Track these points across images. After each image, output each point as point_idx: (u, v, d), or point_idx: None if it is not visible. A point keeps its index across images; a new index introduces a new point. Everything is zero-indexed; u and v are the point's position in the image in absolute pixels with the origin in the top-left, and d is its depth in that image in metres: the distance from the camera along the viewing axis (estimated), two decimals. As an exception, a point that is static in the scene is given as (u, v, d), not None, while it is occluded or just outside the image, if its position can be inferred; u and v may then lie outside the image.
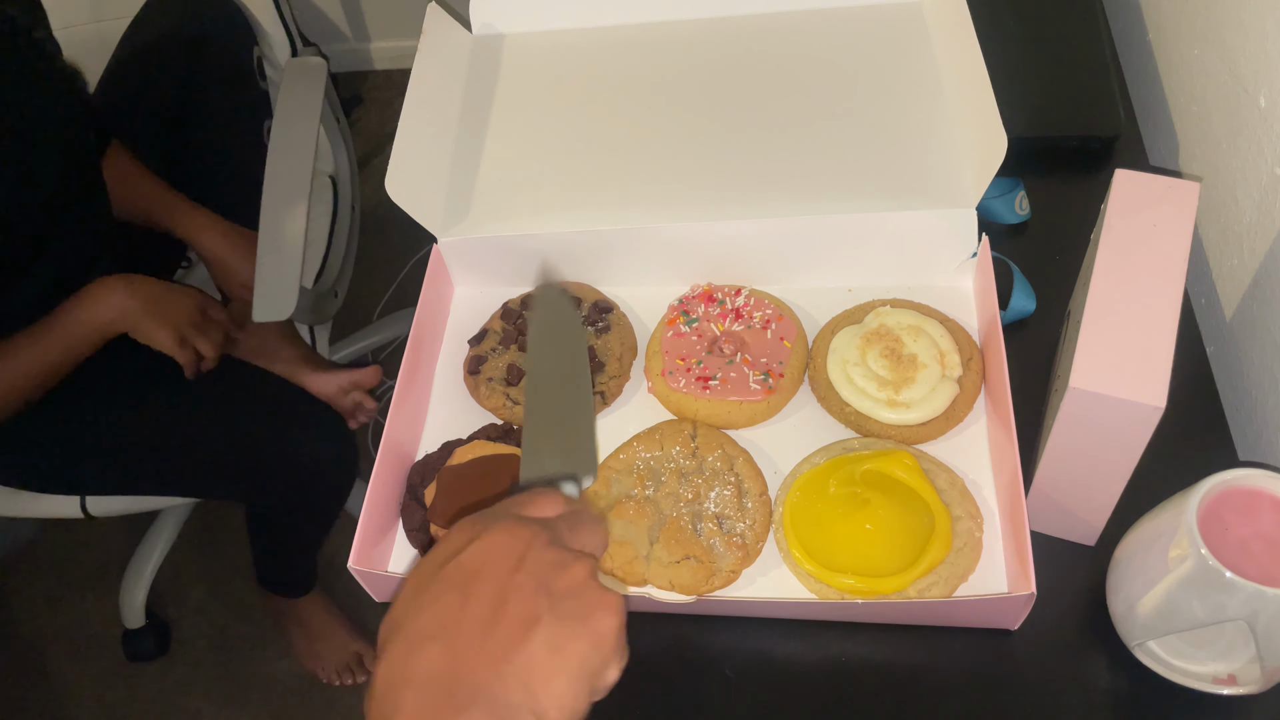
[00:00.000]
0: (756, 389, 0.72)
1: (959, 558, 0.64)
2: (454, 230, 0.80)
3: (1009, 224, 0.82)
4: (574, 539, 0.43)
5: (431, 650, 0.37)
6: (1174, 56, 0.88)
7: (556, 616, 0.38)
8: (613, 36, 0.90)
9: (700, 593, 0.65)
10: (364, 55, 2.29)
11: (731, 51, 0.87)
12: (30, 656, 1.58)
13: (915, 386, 0.70)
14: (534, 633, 0.38)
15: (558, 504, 0.44)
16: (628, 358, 0.77)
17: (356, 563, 0.64)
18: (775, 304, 0.77)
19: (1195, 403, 0.71)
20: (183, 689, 1.52)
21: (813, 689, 0.63)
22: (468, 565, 0.40)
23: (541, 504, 0.44)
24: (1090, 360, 0.55)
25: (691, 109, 0.84)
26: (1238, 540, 0.53)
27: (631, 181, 0.80)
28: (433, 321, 0.80)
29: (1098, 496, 0.62)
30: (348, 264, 1.41)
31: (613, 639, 0.39)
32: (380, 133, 2.16)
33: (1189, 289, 0.80)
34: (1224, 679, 0.58)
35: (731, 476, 0.69)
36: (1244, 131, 0.74)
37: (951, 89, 0.80)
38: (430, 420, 0.78)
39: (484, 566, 0.39)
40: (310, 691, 1.49)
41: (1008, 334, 0.74)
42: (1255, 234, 0.72)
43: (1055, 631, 0.63)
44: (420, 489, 0.71)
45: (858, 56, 0.84)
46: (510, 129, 0.86)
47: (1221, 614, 0.51)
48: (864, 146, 0.79)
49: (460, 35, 0.91)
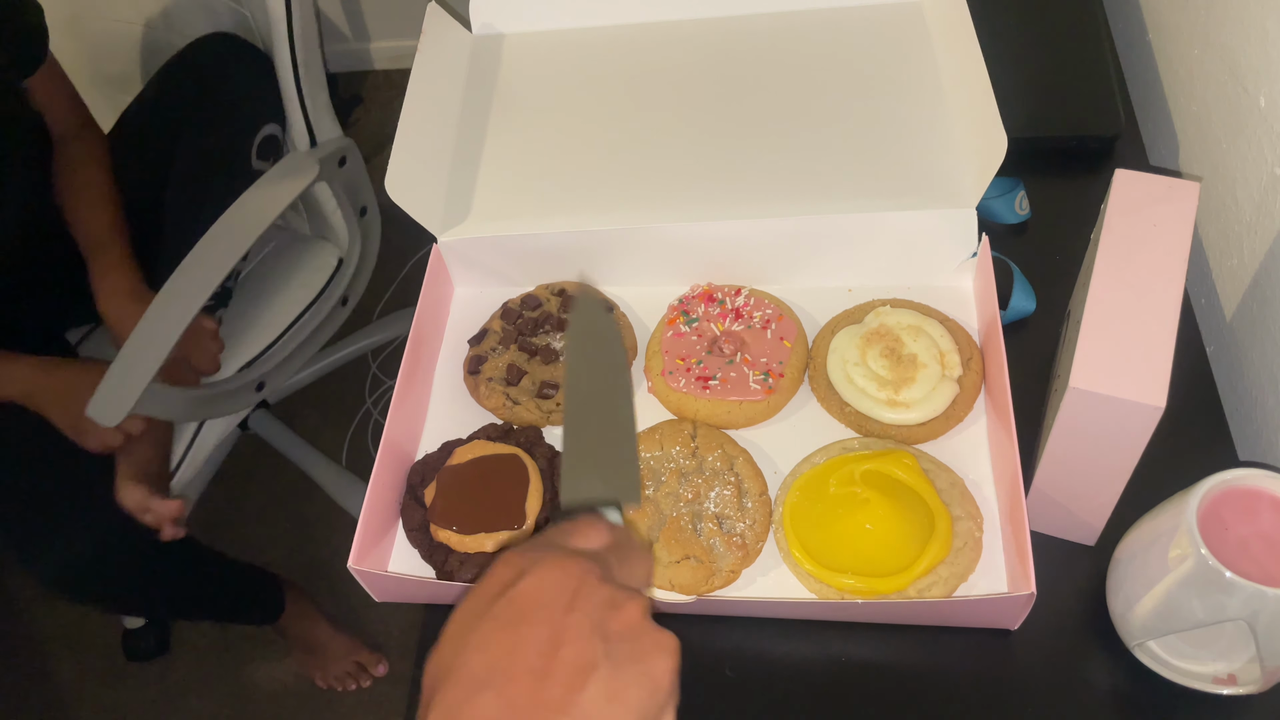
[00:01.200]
0: (756, 389, 0.72)
1: (959, 558, 0.64)
2: (454, 230, 0.80)
3: (1009, 224, 0.82)
4: (623, 572, 0.41)
5: (485, 699, 0.36)
6: (1174, 56, 0.88)
7: (613, 662, 0.37)
8: (613, 36, 0.90)
9: (700, 593, 0.65)
10: (364, 55, 2.29)
11: (731, 51, 0.87)
12: (30, 656, 1.58)
13: (915, 386, 0.70)
14: (590, 681, 0.36)
15: (604, 534, 0.43)
16: (628, 357, 0.77)
17: (356, 563, 0.64)
18: (775, 304, 0.77)
19: (1195, 403, 0.71)
20: (183, 689, 1.52)
21: (813, 689, 0.63)
22: (518, 604, 0.38)
23: (588, 534, 0.42)
24: (1090, 360, 0.55)
25: (691, 109, 0.84)
26: (1237, 540, 0.53)
27: (631, 181, 0.80)
28: (433, 321, 0.80)
29: (1098, 496, 0.62)
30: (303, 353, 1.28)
31: (669, 682, 0.38)
32: (380, 133, 2.16)
33: (1189, 289, 0.80)
34: (1224, 679, 0.58)
35: (731, 476, 0.69)
36: (1244, 131, 0.74)
37: (951, 89, 0.80)
38: (430, 420, 0.78)
39: (535, 606, 0.38)
40: (310, 692, 1.49)
41: (1008, 334, 0.74)
42: (1255, 234, 0.72)
43: (1055, 631, 0.63)
44: (420, 489, 0.71)
45: (858, 56, 0.84)
46: (510, 129, 0.86)
47: (1221, 614, 0.51)
48: (864, 146, 0.79)
49: (460, 35, 0.91)
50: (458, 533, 0.67)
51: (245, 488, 1.70)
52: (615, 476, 0.49)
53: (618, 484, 0.49)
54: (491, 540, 0.67)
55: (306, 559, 1.60)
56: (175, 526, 1.12)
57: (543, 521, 0.68)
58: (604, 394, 0.53)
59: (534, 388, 0.75)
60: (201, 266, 1.00)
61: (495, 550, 0.67)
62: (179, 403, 1.09)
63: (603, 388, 0.53)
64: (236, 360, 1.26)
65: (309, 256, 1.37)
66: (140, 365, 0.97)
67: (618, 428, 0.52)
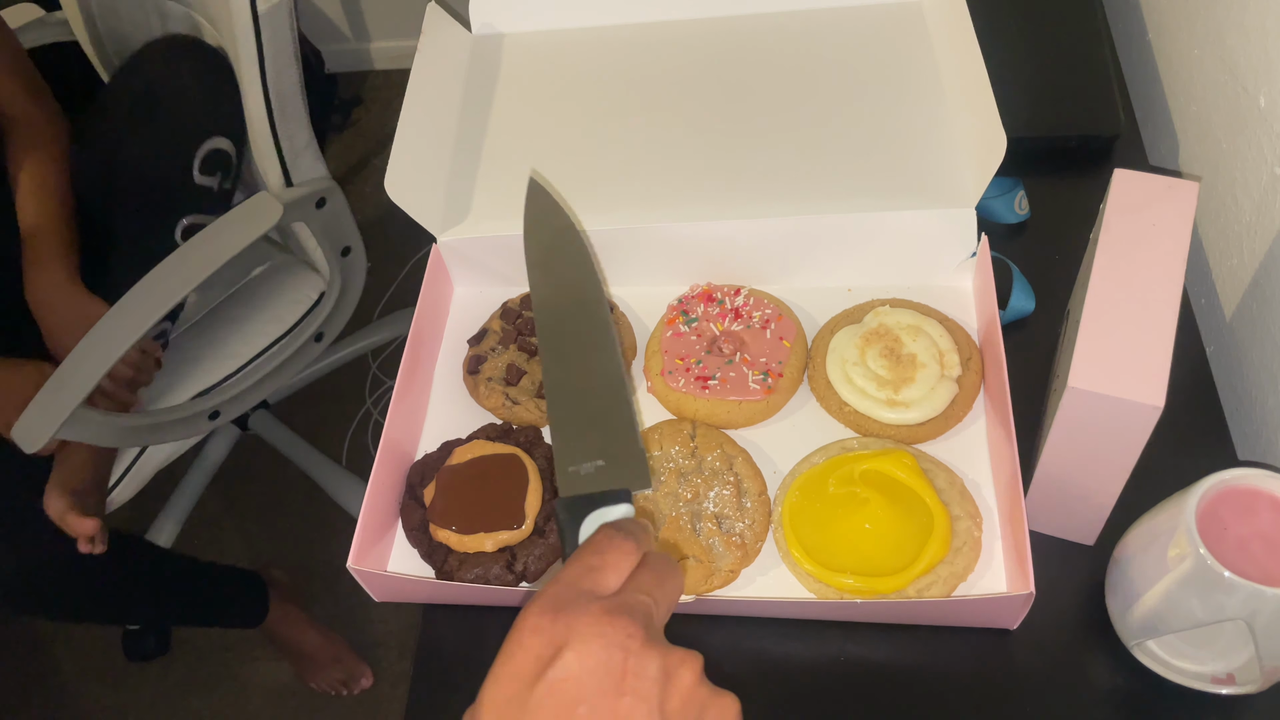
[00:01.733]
0: (756, 389, 0.72)
1: (958, 557, 0.64)
2: (454, 230, 0.80)
3: (1009, 224, 0.82)
4: (661, 597, 0.37)
5: None
6: (1174, 56, 0.88)
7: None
8: (613, 36, 0.90)
9: (699, 592, 0.65)
10: (364, 55, 2.29)
11: (731, 51, 0.87)
12: (30, 656, 1.58)
13: (914, 386, 0.70)
14: None
15: (631, 556, 0.38)
16: (627, 357, 0.77)
17: (356, 562, 0.64)
18: (775, 304, 0.77)
19: (1195, 403, 0.71)
20: (183, 689, 1.52)
21: (812, 689, 0.63)
22: (562, 693, 0.34)
23: (617, 563, 0.38)
24: (1089, 360, 0.55)
25: (691, 109, 0.84)
26: (1237, 540, 0.53)
27: (631, 181, 0.80)
28: (432, 321, 0.80)
29: (1097, 496, 0.62)
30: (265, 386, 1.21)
31: None
32: (380, 133, 2.16)
33: (1189, 289, 0.80)
34: (1223, 679, 0.58)
35: (730, 476, 0.69)
36: (1244, 131, 0.74)
37: (951, 89, 0.80)
38: (430, 420, 0.78)
39: (582, 694, 0.34)
40: (310, 692, 1.49)
41: (1007, 334, 0.74)
42: (1255, 234, 0.72)
43: (1054, 631, 0.63)
44: (419, 489, 0.71)
45: (858, 56, 0.84)
46: (510, 129, 0.86)
47: (1220, 614, 0.51)
48: (864, 146, 0.79)
49: (460, 35, 0.91)
50: (457, 532, 0.67)
51: (245, 487, 1.71)
52: (616, 456, 0.44)
53: (621, 466, 0.43)
54: (491, 540, 0.67)
55: (306, 558, 1.60)
56: (90, 544, 1.08)
57: (543, 522, 0.68)
58: (585, 350, 0.47)
59: (533, 387, 0.76)
60: (147, 297, 0.96)
61: (495, 550, 0.67)
62: (110, 430, 1.04)
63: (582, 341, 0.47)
64: (191, 386, 1.20)
65: (292, 285, 1.30)
66: (68, 391, 0.94)
67: (609, 393, 0.45)
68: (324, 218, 1.08)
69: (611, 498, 0.43)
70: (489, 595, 0.65)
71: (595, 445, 0.44)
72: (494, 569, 0.66)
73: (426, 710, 0.65)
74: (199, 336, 1.26)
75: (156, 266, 0.97)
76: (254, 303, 1.28)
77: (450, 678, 0.66)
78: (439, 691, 0.66)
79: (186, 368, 1.22)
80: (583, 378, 0.46)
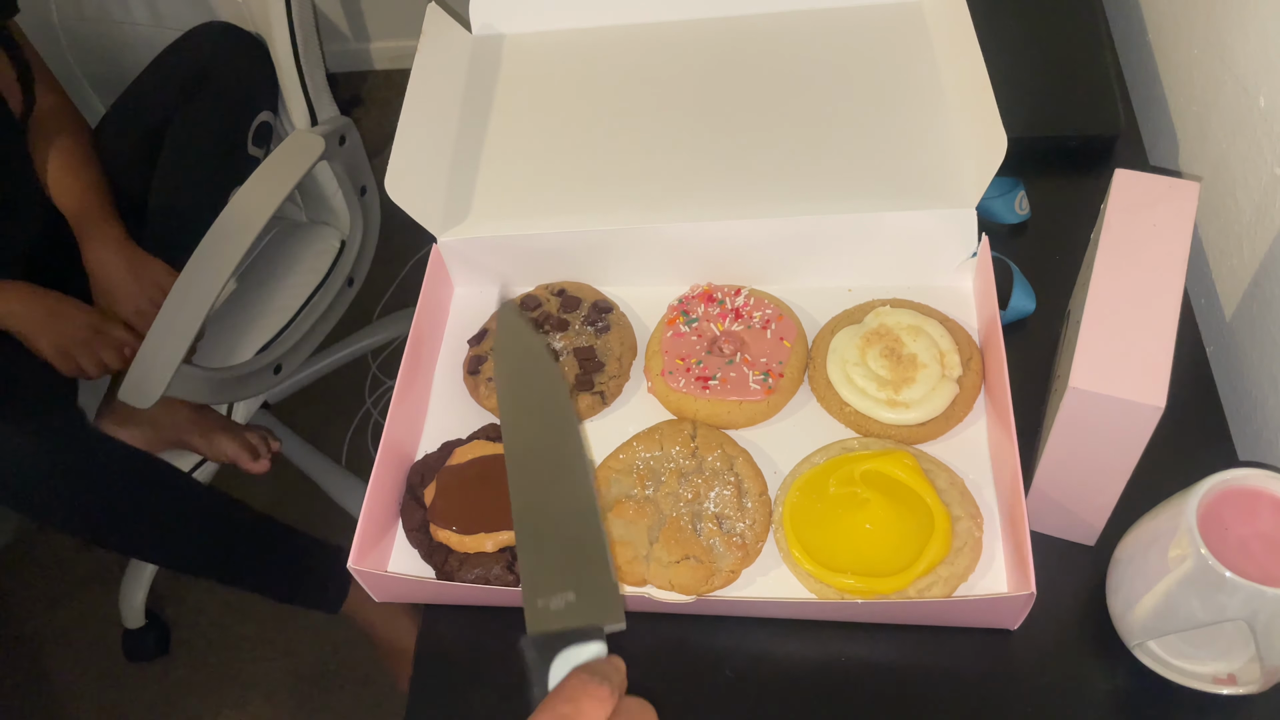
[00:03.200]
0: (756, 389, 0.72)
1: (959, 558, 0.64)
2: (454, 230, 0.80)
3: (1009, 224, 0.82)
4: None
5: None
6: (1174, 56, 0.88)
7: None
8: (613, 36, 0.90)
9: (700, 593, 0.65)
10: (364, 55, 2.29)
11: (731, 51, 0.87)
12: (30, 656, 1.58)
13: (915, 386, 0.70)
14: None
15: (604, 703, 0.37)
16: (627, 358, 0.77)
17: (356, 563, 0.64)
18: (775, 304, 0.77)
19: (1195, 403, 0.71)
20: (183, 689, 1.52)
21: (813, 689, 0.63)
22: None
23: (589, 711, 0.36)
24: (1090, 360, 0.55)
25: (691, 109, 0.84)
26: (1237, 540, 0.53)
27: (631, 181, 0.80)
28: (432, 321, 0.80)
29: (1097, 496, 0.62)
30: (315, 334, 1.33)
31: None
32: (380, 133, 2.16)
33: (1189, 289, 0.80)
34: (1224, 679, 0.58)
35: (731, 476, 0.69)
36: (1244, 131, 0.74)
37: (951, 89, 0.80)
38: (430, 420, 0.78)
39: None
40: (310, 692, 1.49)
41: (1007, 334, 0.74)
42: (1255, 234, 0.72)
43: (1055, 631, 0.63)
44: (420, 489, 0.71)
45: (858, 56, 0.84)
46: (510, 129, 0.86)
47: (1221, 614, 0.51)
48: (864, 146, 0.79)
49: (460, 35, 0.91)
50: (457, 533, 0.67)
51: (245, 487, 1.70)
52: (588, 589, 0.41)
53: (593, 600, 0.41)
54: (491, 540, 0.67)
55: (306, 559, 1.60)
56: None
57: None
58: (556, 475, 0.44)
59: (534, 388, 0.75)
60: (223, 241, 1.03)
61: (495, 550, 0.67)
62: (204, 384, 1.12)
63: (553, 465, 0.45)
64: (251, 345, 1.28)
65: (310, 241, 1.40)
66: (168, 347, 1.00)
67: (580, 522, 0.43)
68: (345, 155, 1.21)
69: (583, 634, 0.40)
70: (489, 596, 0.65)
71: (566, 577, 0.41)
72: (494, 569, 0.66)
73: (426, 710, 0.65)
74: (239, 306, 1.34)
75: (219, 218, 1.05)
76: (279, 266, 1.38)
77: (450, 678, 0.66)
78: (439, 691, 0.66)
79: (242, 329, 1.30)
80: (553, 504, 0.44)
